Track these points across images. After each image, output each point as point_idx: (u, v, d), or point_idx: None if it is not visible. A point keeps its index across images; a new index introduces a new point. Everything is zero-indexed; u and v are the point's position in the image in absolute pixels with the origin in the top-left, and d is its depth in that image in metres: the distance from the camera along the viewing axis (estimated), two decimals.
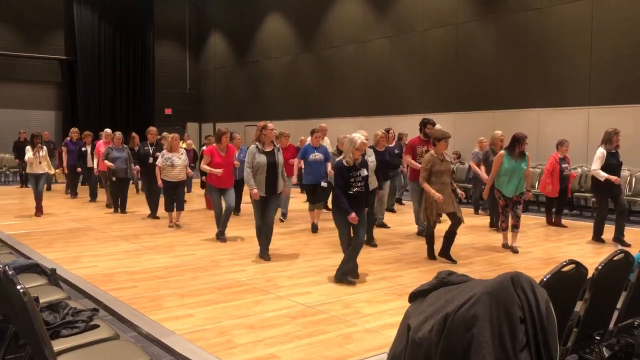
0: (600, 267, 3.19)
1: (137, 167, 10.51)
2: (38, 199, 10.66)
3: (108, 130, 12.66)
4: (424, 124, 8.81)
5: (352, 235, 6.03)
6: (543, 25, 13.13)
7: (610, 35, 12.02)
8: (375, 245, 7.89)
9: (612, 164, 8.21)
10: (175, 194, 9.51)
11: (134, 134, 14.32)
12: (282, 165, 7.17)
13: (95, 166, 12.35)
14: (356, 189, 5.93)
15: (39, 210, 10.74)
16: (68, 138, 14.28)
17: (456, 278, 2.78)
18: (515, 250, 7.63)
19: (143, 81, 23.45)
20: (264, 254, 7.13)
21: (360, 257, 7.26)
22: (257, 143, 7.05)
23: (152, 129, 11.17)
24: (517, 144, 7.62)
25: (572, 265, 2.98)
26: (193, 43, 25.05)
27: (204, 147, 11.84)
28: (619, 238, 8.22)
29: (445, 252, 7.07)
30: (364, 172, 6.01)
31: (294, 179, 10.98)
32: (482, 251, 7.79)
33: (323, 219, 9.53)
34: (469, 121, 14.31)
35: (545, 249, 7.93)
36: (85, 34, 21.86)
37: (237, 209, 11.03)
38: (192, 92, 25.13)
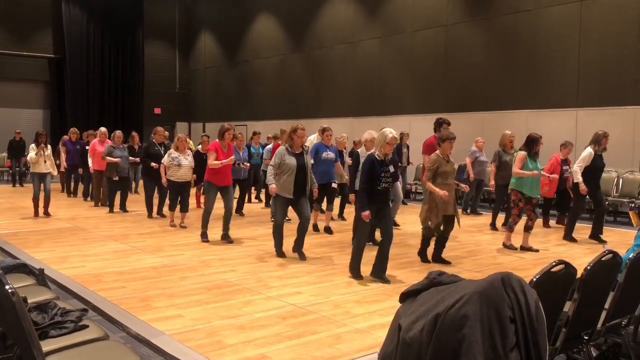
0: (589, 268, 3.21)
1: (155, 164, 10.09)
2: (46, 198, 10.35)
3: (103, 129, 12.48)
4: (439, 124, 8.64)
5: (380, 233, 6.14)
6: (532, 28, 13.23)
7: (598, 38, 12.13)
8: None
9: (597, 165, 8.37)
10: (181, 195, 9.44)
11: (134, 132, 14.23)
12: (310, 167, 7.24)
13: (90, 164, 12.16)
14: (384, 184, 6.01)
15: (46, 210, 10.45)
16: (67, 138, 14.11)
17: (447, 278, 2.79)
18: (535, 249, 7.80)
19: (132, 80, 23.32)
20: (301, 254, 7.10)
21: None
22: (286, 145, 7.08)
23: (160, 129, 10.89)
24: (532, 145, 7.71)
25: (562, 266, 3.00)
26: (183, 42, 24.96)
27: (199, 146, 11.74)
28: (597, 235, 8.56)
29: (439, 256, 7.05)
30: (392, 169, 6.08)
31: None
32: (472, 251, 7.83)
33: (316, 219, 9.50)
34: (458, 122, 14.30)
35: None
36: (74, 32, 21.70)
37: (239, 210, 10.92)
38: (181, 92, 25.04)
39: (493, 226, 9.76)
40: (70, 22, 21.58)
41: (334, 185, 9.29)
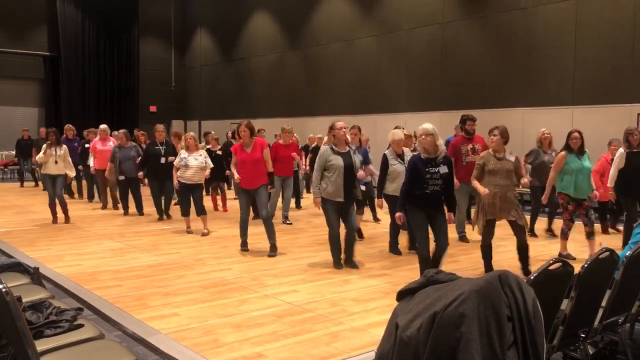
0: (586, 266, 3.21)
1: (142, 173, 9.74)
2: (62, 203, 9.52)
3: (103, 126, 11.99)
4: (463, 121, 8.21)
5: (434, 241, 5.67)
6: (528, 25, 13.24)
7: (593, 36, 12.15)
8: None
9: (632, 164, 7.48)
10: (193, 198, 8.79)
11: (139, 131, 14.01)
12: (358, 167, 6.75)
13: (91, 164, 11.56)
14: (433, 187, 5.51)
15: (65, 215, 9.61)
16: (63, 136, 13.38)
17: (444, 276, 2.78)
18: (573, 257, 7.09)
19: (127, 78, 23.26)
20: (352, 263, 6.56)
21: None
22: (331, 144, 6.52)
23: (160, 126, 10.35)
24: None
25: (559, 264, 2.99)
26: (178, 40, 24.89)
27: (209, 145, 11.41)
28: None
29: (526, 268, 6.34)
30: (444, 169, 5.55)
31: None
32: (469, 249, 7.82)
33: (315, 214, 9.48)
34: (454, 120, 14.27)
35: (532, 247, 7.91)
36: (69, 30, 21.62)
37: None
38: (177, 90, 24.97)
39: (532, 232, 8.68)
40: (65, 19, 21.50)
41: (362, 187, 9.02)
